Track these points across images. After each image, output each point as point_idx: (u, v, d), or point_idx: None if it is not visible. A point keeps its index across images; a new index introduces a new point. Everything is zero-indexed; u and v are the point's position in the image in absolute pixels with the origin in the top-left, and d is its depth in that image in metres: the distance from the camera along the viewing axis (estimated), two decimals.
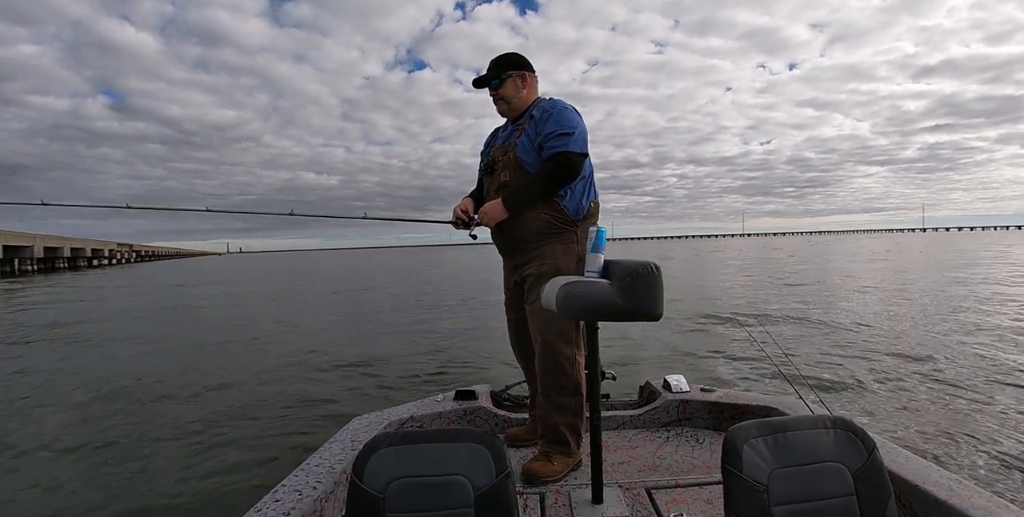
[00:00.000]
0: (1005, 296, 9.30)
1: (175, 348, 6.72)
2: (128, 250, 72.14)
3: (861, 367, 4.88)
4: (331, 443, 1.69)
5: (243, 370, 5.42)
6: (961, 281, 12.15)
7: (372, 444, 1.01)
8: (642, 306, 1.26)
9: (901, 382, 4.34)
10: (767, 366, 4.66)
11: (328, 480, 1.40)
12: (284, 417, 3.80)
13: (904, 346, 5.69)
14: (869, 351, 5.53)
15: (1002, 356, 5.08)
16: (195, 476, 2.83)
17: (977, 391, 4.01)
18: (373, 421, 1.90)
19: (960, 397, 3.87)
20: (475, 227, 1.84)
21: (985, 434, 3.14)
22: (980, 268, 15.94)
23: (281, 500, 1.27)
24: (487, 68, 1.83)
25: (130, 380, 5.04)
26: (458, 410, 2.06)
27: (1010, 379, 4.27)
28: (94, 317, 9.93)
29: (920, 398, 3.90)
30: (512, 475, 1.01)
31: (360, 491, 0.96)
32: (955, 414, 3.53)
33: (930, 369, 4.73)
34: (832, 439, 0.99)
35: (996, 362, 4.88)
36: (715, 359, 5.47)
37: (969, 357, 5.10)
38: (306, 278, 22.86)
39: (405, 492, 0.96)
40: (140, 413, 3.97)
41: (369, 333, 7.70)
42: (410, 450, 1.00)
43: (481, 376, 4.90)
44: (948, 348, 5.52)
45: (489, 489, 0.98)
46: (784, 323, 7.39)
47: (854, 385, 4.30)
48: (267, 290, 17.22)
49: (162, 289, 15.19)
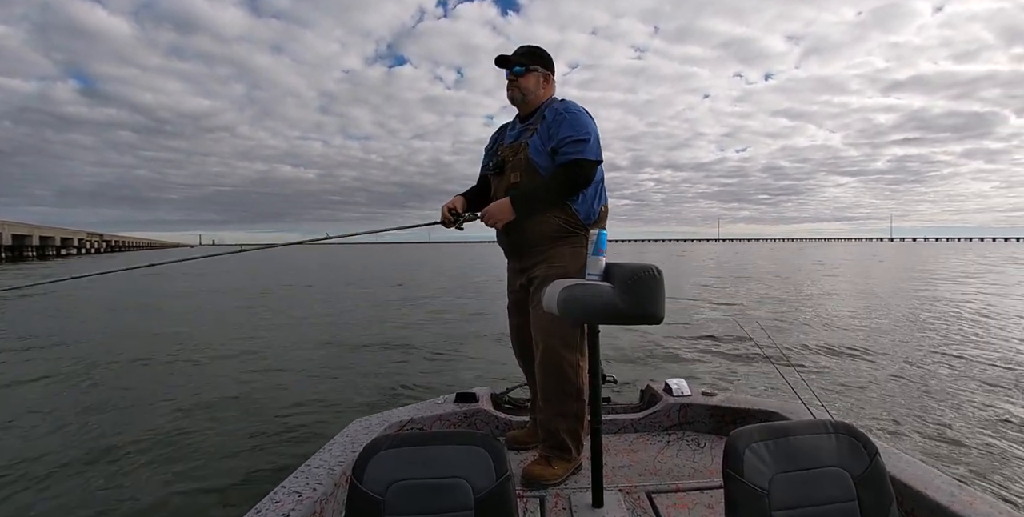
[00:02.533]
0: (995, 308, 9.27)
1: (168, 346, 6.72)
2: (99, 240, 68.76)
3: (863, 372, 4.86)
4: (331, 445, 1.69)
5: (243, 370, 5.43)
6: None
7: (372, 446, 1.01)
8: (643, 309, 1.26)
9: (903, 386, 4.33)
10: (769, 370, 4.65)
11: (328, 482, 1.40)
12: (285, 417, 3.79)
13: (905, 350, 5.67)
14: (870, 354, 5.52)
15: (1000, 361, 5.06)
16: (194, 478, 2.82)
17: (980, 396, 3.99)
18: (373, 423, 1.90)
19: (964, 403, 3.86)
20: (464, 223, 1.82)
21: (988, 440, 3.13)
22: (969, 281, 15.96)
23: (281, 502, 1.27)
24: (513, 52, 1.80)
25: (124, 381, 5.04)
26: (458, 412, 2.05)
27: (1012, 381, 4.26)
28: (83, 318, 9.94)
29: (922, 404, 3.89)
30: (512, 478, 1.00)
31: (360, 493, 0.96)
32: (957, 420, 3.51)
33: (931, 373, 4.72)
34: (834, 444, 0.99)
35: (997, 366, 4.86)
36: (717, 363, 5.45)
37: (969, 362, 5.09)
38: (305, 274, 22.82)
39: (405, 494, 0.96)
40: (139, 415, 3.97)
41: (368, 334, 7.70)
42: (410, 452, 1.00)
43: (482, 378, 4.90)
44: (946, 353, 5.50)
45: (489, 492, 0.97)
46: (788, 330, 7.38)
47: (856, 390, 4.29)
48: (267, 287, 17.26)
49: (138, 290, 14.78)
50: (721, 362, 5.47)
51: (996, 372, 4.73)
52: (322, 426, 3.57)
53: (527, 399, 2.12)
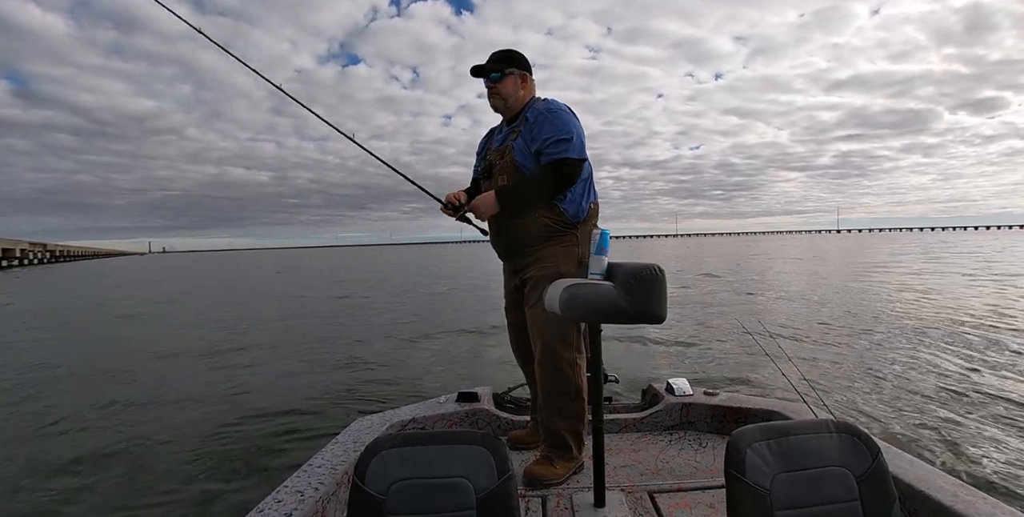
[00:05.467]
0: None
1: (168, 346, 6.74)
2: (42, 250, 63.94)
3: (865, 371, 4.85)
4: (333, 444, 1.69)
5: (243, 370, 5.44)
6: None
7: (374, 445, 1.01)
8: (645, 308, 1.26)
9: (905, 385, 4.31)
10: (771, 369, 4.64)
11: (330, 481, 1.40)
12: (287, 417, 3.80)
13: (906, 349, 5.66)
14: (869, 353, 5.50)
15: (999, 359, 5.04)
16: (196, 477, 2.83)
17: (980, 393, 3.98)
18: (375, 422, 1.91)
19: (964, 400, 3.84)
20: (466, 214, 1.83)
21: (990, 439, 3.12)
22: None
23: (283, 501, 1.28)
24: (487, 60, 1.81)
25: (125, 380, 5.05)
26: (460, 412, 2.06)
27: (1013, 382, 4.24)
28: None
29: (926, 402, 3.87)
30: (514, 478, 1.00)
31: (362, 492, 0.96)
32: (961, 418, 3.50)
33: (931, 372, 4.70)
34: (836, 444, 0.99)
35: (998, 365, 4.84)
36: (718, 362, 5.44)
37: (969, 360, 5.07)
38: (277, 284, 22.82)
39: (407, 493, 0.96)
40: (139, 415, 3.98)
41: (369, 334, 7.71)
42: (412, 452, 1.00)
43: (483, 378, 4.90)
44: (949, 351, 5.48)
45: (491, 491, 0.97)
46: (787, 326, 7.36)
47: (858, 389, 4.28)
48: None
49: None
50: (722, 361, 5.46)
51: (994, 360, 4.72)
52: (324, 426, 3.57)
53: (528, 399, 2.12)
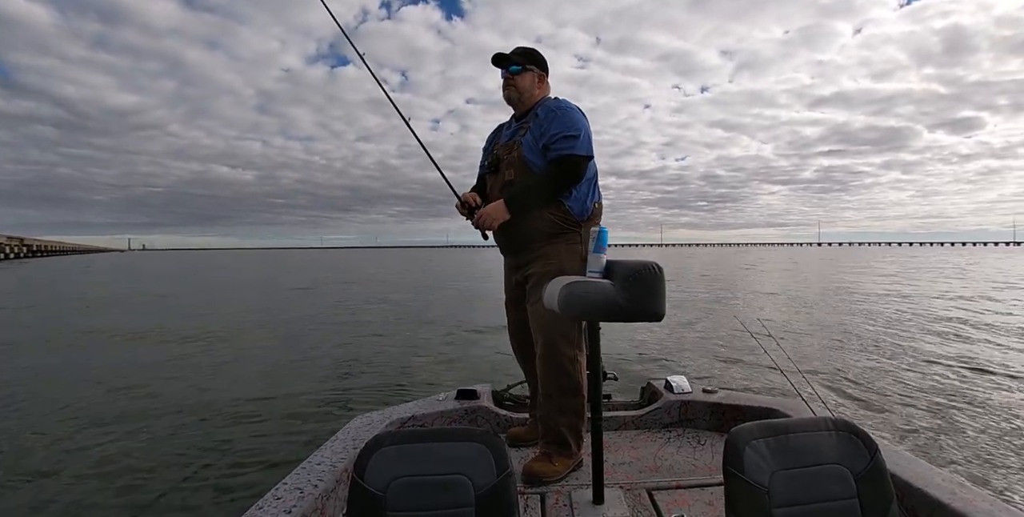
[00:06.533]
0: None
1: (168, 346, 6.74)
2: (19, 244, 63.95)
3: (864, 369, 4.86)
4: (333, 441, 1.69)
5: (241, 370, 5.44)
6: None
7: (374, 443, 1.01)
8: (644, 306, 1.26)
9: (904, 384, 4.33)
10: (770, 367, 4.65)
11: (330, 478, 1.41)
12: (286, 414, 3.80)
13: (905, 348, 5.67)
14: (868, 352, 5.51)
15: (997, 359, 5.05)
16: (196, 474, 2.83)
17: (977, 392, 3.99)
18: (375, 420, 1.91)
19: (961, 398, 3.86)
20: (475, 222, 1.81)
21: (988, 437, 3.13)
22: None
23: (282, 498, 1.28)
24: (511, 52, 1.83)
25: (120, 381, 5.06)
26: (459, 409, 2.06)
27: (1012, 381, 4.26)
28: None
29: (924, 400, 3.88)
30: (513, 475, 1.01)
31: (361, 489, 0.96)
32: (958, 416, 3.51)
33: (929, 370, 4.71)
34: (834, 441, 0.99)
35: (996, 364, 4.85)
36: (717, 360, 5.45)
37: (966, 359, 5.08)
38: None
39: (406, 491, 0.97)
40: (138, 414, 3.99)
41: (368, 334, 7.71)
42: (411, 449, 1.00)
43: (482, 376, 4.90)
44: (947, 351, 5.49)
45: (490, 488, 0.98)
46: (787, 326, 7.37)
47: (856, 387, 4.29)
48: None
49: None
50: (722, 359, 5.47)
51: (991, 355, 4.73)
52: (324, 423, 3.58)
53: (528, 396, 2.12)
